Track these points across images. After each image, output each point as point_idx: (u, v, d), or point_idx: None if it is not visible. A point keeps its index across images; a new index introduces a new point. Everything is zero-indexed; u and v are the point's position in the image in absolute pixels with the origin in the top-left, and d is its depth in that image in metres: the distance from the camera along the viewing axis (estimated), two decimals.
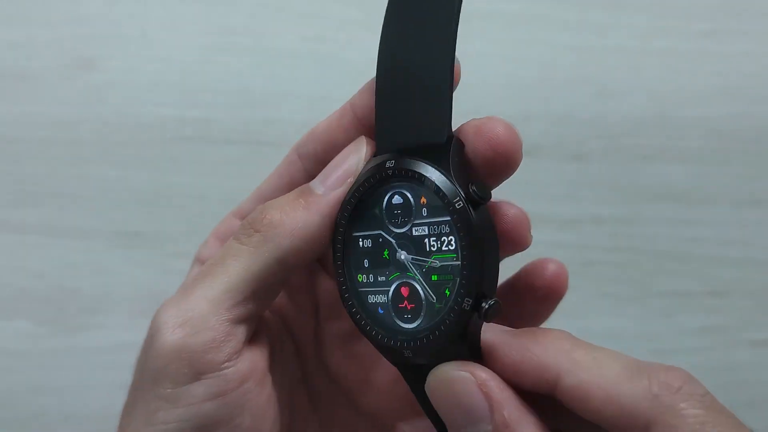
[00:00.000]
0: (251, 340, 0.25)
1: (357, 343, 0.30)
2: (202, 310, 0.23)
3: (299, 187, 0.26)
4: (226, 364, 0.24)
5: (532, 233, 0.25)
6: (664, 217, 0.50)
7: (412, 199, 0.24)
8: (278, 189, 0.30)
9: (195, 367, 0.23)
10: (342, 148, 0.26)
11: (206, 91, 0.50)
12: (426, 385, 0.23)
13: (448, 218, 0.22)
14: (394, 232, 0.24)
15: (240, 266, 0.24)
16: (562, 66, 0.51)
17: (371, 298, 0.24)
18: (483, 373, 0.22)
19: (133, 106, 0.49)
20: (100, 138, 0.49)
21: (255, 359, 0.25)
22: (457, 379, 0.22)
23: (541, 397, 0.22)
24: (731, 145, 0.51)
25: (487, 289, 0.22)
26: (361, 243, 0.24)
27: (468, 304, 0.22)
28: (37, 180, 0.49)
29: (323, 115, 0.50)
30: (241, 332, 0.24)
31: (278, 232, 0.24)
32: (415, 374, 0.24)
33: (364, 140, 0.25)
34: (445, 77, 0.24)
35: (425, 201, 0.23)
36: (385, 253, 0.24)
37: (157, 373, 0.23)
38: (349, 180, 0.25)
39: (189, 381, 0.23)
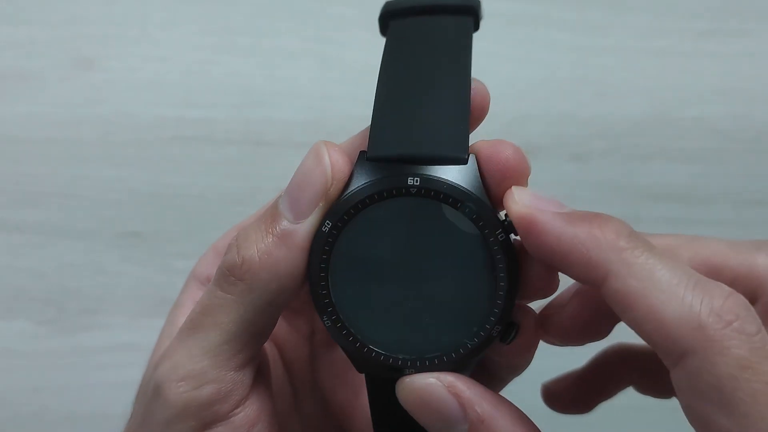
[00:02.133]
0: (255, 379, 0.24)
1: (352, 371, 0.29)
2: (203, 364, 0.23)
3: (267, 212, 0.23)
4: (234, 411, 0.23)
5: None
6: (664, 217, 0.50)
7: (437, 223, 0.22)
8: None
9: (202, 419, 0.23)
10: None
11: (206, 91, 0.50)
12: (397, 396, 0.23)
13: (485, 249, 0.22)
14: (408, 251, 0.22)
15: (232, 317, 0.23)
16: (562, 66, 0.51)
17: (368, 315, 0.23)
18: (449, 377, 0.22)
19: (133, 106, 0.49)
20: (100, 138, 0.49)
21: (263, 400, 0.24)
22: (426, 387, 0.22)
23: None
24: (731, 145, 0.51)
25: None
26: (360, 258, 0.23)
27: (496, 331, 0.22)
28: (37, 180, 0.49)
29: (323, 114, 0.50)
30: (246, 377, 0.23)
31: (262, 278, 0.22)
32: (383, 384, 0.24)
33: (324, 148, 0.23)
34: (466, 86, 0.23)
35: (455, 226, 0.22)
36: (394, 272, 0.22)
37: (161, 426, 0.23)
38: (320, 204, 0.22)
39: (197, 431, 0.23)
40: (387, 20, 0.26)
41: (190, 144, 0.49)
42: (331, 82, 0.50)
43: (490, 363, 0.25)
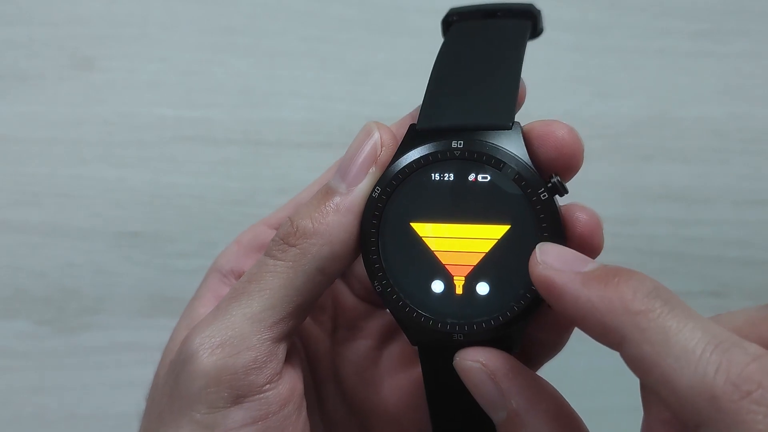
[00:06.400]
0: (287, 359, 0.24)
1: (374, 368, 0.29)
2: (243, 329, 0.22)
3: (321, 189, 0.24)
4: (267, 386, 0.23)
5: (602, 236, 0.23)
6: (664, 217, 0.50)
7: (483, 185, 0.23)
8: None
9: (235, 389, 0.22)
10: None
11: (206, 91, 0.50)
12: (455, 368, 0.23)
13: (530, 209, 0.22)
14: (457, 216, 0.23)
15: (280, 281, 0.23)
16: (562, 66, 0.51)
17: (417, 279, 0.23)
18: (491, 363, 0.22)
19: (133, 106, 0.49)
20: (100, 138, 0.49)
21: (293, 381, 0.24)
22: (470, 370, 0.22)
23: None
24: (731, 145, 0.51)
25: None
26: (410, 226, 0.23)
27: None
28: (37, 180, 0.49)
29: (323, 114, 0.50)
30: (281, 351, 0.23)
31: (314, 242, 0.23)
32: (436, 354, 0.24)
33: (374, 124, 0.24)
34: (517, 72, 0.24)
35: (499, 187, 0.22)
36: (447, 235, 0.23)
37: (192, 396, 0.22)
38: (371, 170, 0.23)
39: (228, 404, 0.22)
40: (449, 24, 0.28)
41: (190, 144, 0.49)
42: (331, 82, 0.50)
43: (526, 340, 0.25)
